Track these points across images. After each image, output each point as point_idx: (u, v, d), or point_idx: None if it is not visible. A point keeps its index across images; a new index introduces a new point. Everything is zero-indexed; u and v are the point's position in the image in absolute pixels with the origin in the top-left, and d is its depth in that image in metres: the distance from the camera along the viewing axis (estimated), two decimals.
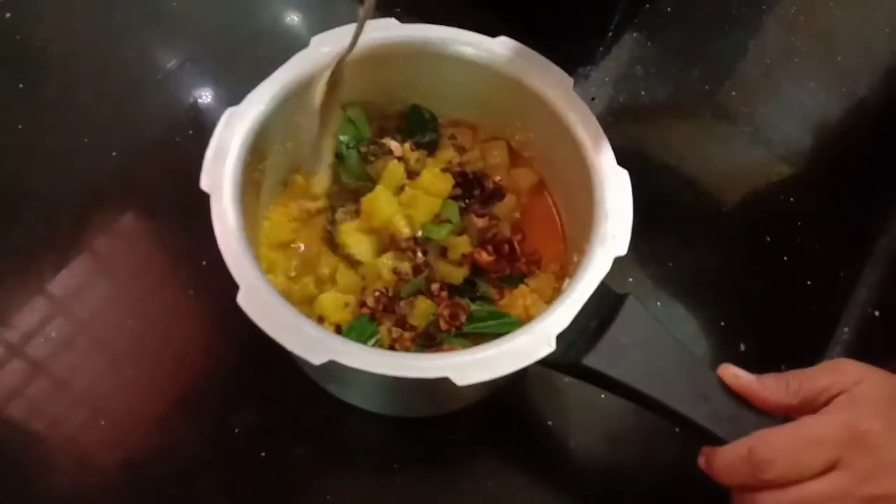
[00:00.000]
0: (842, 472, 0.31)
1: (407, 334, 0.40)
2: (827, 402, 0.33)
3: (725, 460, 0.34)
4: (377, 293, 0.41)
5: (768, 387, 0.35)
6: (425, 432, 0.45)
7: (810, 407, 0.34)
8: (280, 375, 0.44)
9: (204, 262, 0.47)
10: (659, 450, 0.45)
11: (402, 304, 0.41)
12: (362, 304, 0.41)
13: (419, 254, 0.42)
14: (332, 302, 0.40)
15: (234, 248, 0.34)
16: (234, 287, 0.34)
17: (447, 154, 0.47)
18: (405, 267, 0.42)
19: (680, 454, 0.44)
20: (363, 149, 0.46)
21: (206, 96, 0.56)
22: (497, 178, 0.47)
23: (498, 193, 0.46)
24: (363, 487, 0.44)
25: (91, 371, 0.46)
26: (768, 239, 0.54)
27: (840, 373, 0.34)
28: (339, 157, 0.45)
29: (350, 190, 0.45)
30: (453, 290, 0.42)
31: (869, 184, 0.58)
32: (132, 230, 0.51)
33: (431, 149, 0.47)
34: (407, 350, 0.40)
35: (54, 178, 0.52)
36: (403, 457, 0.44)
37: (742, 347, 0.49)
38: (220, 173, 0.36)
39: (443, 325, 0.40)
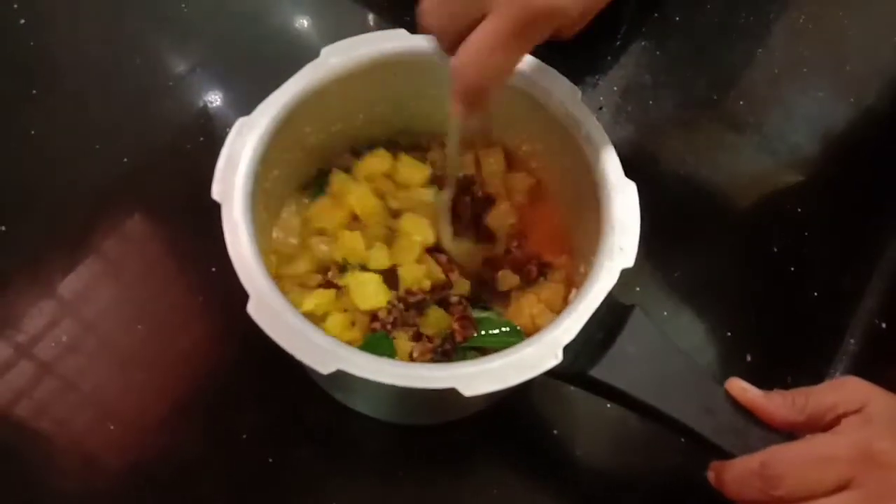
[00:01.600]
0: (854, 492, 0.31)
1: (427, 346, 0.40)
2: (833, 421, 0.34)
3: (736, 474, 0.34)
4: (389, 305, 0.41)
5: (775, 402, 0.35)
6: (431, 438, 0.45)
7: (816, 424, 0.34)
8: (287, 381, 0.44)
9: (213, 269, 0.48)
10: (665, 459, 0.45)
11: (412, 313, 0.41)
12: (373, 317, 0.41)
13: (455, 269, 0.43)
14: (339, 322, 0.40)
15: (244, 257, 0.34)
16: (242, 292, 0.34)
17: (434, 155, 0.47)
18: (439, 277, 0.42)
19: (686, 463, 0.44)
20: None
21: (216, 102, 0.56)
22: (492, 189, 0.47)
23: (489, 199, 0.46)
24: (368, 493, 0.44)
25: (100, 374, 0.46)
26: (775, 249, 0.54)
27: (846, 391, 0.34)
28: None
29: None
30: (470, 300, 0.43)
31: (877, 194, 0.58)
32: (142, 235, 0.51)
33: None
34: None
35: (65, 183, 0.52)
36: (409, 463, 0.45)
37: (748, 358, 0.49)
38: (231, 183, 0.36)
39: (458, 337, 0.41)
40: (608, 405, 0.43)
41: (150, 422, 0.45)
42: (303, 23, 0.62)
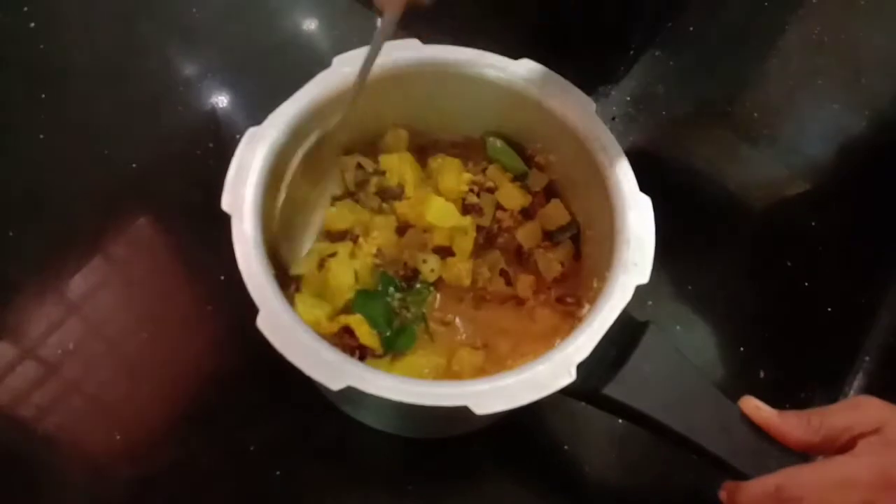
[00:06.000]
0: None
1: None
2: (849, 442, 0.33)
3: (751, 496, 0.33)
4: None
5: (789, 422, 0.34)
6: (440, 453, 0.45)
7: (832, 446, 0.33)
8: (295, 393, 0.44)
9: (222, 277, 0.47)
10: (675, 477, 0.45)
11: None
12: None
13: None
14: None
15: (254, 270, 0.34)
16: (251, 303, 0.34)
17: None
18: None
19: (696, 482, 0.44)
20: None
21: (226, 108, 0.56)
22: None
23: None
24: None
25: (108, 384, 0.46)
26: (789, 263, 0.53)
27: (862, 412, 0.34)
28: None
29: None
30: None
31: (892, 207, 0.57)
32: (150, 242, 0.51)
33: None
34: None
35: (74, 189, 0.52)
36: (417, 477, 0.44)
37: (762, 374, 0.48)
38: (241, 194, 0.36)
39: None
40: (620, 421, 0.43)
41: (156, 432, 0.45)
42: (314, 30, 0.62)
